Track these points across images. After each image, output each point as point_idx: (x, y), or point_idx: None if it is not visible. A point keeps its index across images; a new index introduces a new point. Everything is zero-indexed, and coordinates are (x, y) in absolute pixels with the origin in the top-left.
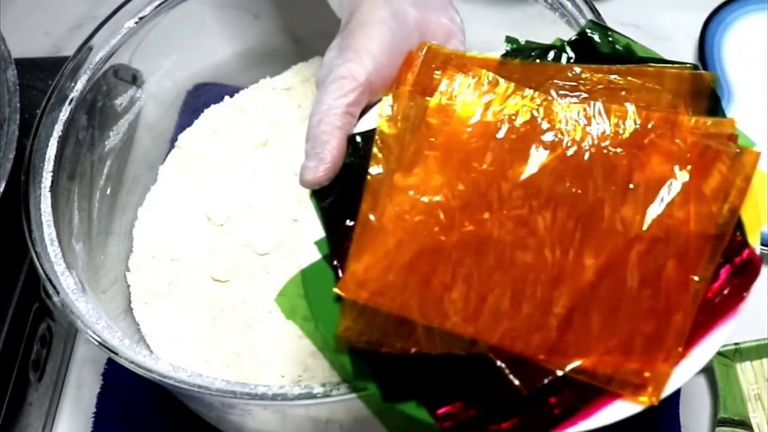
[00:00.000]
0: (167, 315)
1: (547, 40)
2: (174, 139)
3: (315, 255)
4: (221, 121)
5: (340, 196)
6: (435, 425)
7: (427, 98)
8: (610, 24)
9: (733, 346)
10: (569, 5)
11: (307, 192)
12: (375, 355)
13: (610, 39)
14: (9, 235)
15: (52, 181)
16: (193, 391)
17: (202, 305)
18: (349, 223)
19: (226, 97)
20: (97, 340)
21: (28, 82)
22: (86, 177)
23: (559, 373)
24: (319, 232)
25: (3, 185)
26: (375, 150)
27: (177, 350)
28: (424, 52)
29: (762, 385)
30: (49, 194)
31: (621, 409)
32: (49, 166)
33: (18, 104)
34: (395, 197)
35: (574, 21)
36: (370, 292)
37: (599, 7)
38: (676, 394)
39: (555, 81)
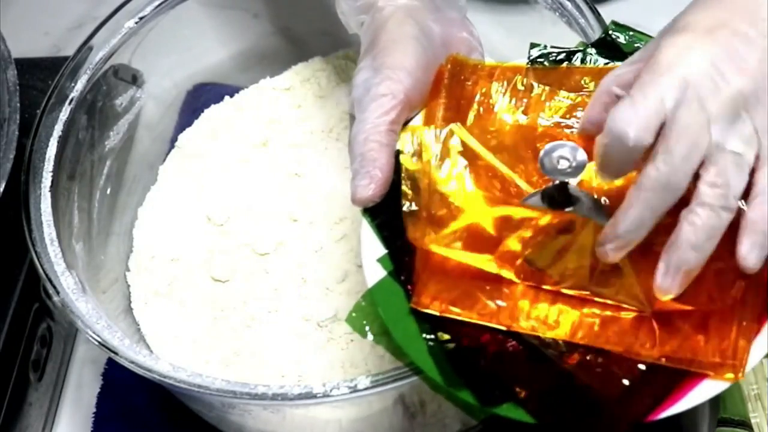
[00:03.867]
0: (167, 315)
1: (548, 41)
2: (174, 139)
3: (380, 272)
4: (221, 121)
5: (392, 213)
6: (536, 422)
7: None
8: None
9: None
10: (570, 6)
11: (307, 192)
12: (461, 361)
13: (633, 38)
14: (9, 235)
15: (52, 181)
16: (193, 391)
17: (202, 305)
18: (405, 237)
19: (226, 97)
20: (97, 340)
21: (28, 82)
22: (86, 177)
23: (642, 366)
24: (378, 249)
25: (3, 185)
26: (404, 187)
27: (177, 350)
28: (451, 64)
29: (762, 385)
30: (49, 194)
31: (709, 388)
32: (49, 166)
33: (18, 104)
34: (436, 239)
35: (574, 21)
36: (447, 302)
37: (600, 8)
38: None
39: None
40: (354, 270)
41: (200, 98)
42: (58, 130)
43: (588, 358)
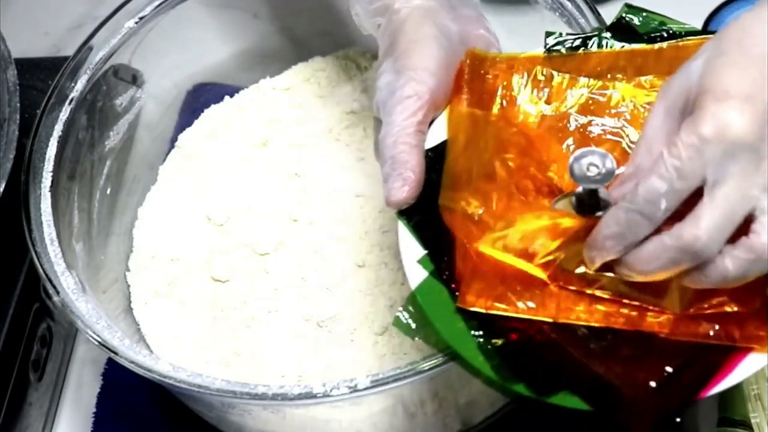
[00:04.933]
0: (167, 315)
1: None
2: (174, 139)
3: (421, 273)
4: (221, 121)
5: (426, 212)
6: (591, 410)
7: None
8: None
9: None
10: (570, 6)
11: (307, 192)
12: (511, 355)
13: (647, 19)
14: (9, 235)
15: (52, 181)
16: (193, 391)
17: (202, 305)
18: (442, 235)
19: (226, 97)
20: (97, 340)
21: (28, 82)
22: (86, 177)
23: (670, 369)
24: (416, 250)
25: (3, 185)
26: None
27: (177, 350)
28: (470, 59)
29: (762, 385)
30: (49, 194)
31: (756, 361)
32: (49, 166)
33: (18, 104)
34: (475, 237)
35: (574, 21)
36: (492, 299)
37: (600, 8)
38: None
39: (604, 68)
40: (354, 270)
41: (200, 98)
42: (58, 130)
43: (615, 359)
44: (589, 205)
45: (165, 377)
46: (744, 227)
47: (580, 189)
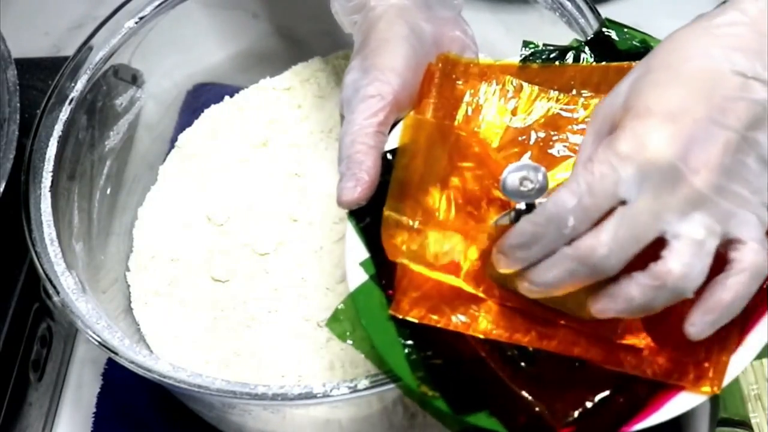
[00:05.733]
0: (167, 315)
1: (547, 40)
2: (174, 139)
3: (362, 276)
4: (221, 121)
5: (378, 216)
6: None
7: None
8: None
9: None
10: (570, 6)
11: (306, 192)
12: (437, 368)
13: (627, 35)
14: (9, 235)
15: (52, 181)
16: (193, 391)
17: (202, 305)
18: None
19: (226, 97)
20: (97, 340)
21: (28, 82)
22: (86, 177)
23: (596, 399)
24: (361, 252)
25: (3, 185)
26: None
27: (177, 350)
28: (442, 63)
29: (762, 385)
30: (49, 194)
31: (685, 401)
32: (49, 166)
33: (18, 104)
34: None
35: (574, 22)
36: (426, 309)
37: (600, 8)
38: None
39: (577, 82)
40: None
41: (200, 98)
42: (58, 130)
43: (542, 383)
44: None
45: (165, 377)
46: (656, 252)
47: (521, 205)
